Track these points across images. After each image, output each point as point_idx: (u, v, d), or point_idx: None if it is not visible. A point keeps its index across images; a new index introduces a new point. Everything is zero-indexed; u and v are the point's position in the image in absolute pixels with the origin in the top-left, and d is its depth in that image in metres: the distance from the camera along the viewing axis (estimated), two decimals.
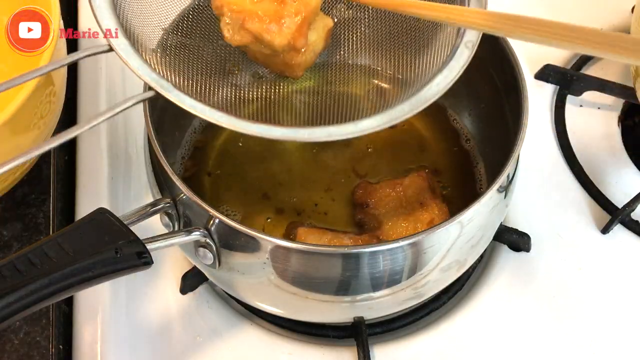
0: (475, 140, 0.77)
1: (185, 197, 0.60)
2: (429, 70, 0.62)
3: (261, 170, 0.75)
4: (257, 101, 0.69)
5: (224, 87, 0.67)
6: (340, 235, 0.68)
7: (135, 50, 0.58)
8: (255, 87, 0.69)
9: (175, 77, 0.61)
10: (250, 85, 0.69)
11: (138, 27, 0.61)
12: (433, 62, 0.62)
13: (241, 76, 0.70)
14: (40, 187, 0.75)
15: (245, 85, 0.68)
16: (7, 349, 0.67)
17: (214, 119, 0.57)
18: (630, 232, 0.77)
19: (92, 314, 0.71)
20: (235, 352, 0.70)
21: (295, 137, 0.57)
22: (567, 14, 0.92)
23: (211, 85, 0.65)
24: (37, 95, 0.65)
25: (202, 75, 0.65)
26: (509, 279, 0.75)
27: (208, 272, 0.68)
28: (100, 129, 0.81)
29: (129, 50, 0.58)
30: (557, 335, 0.72)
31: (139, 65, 0.58)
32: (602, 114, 0.85)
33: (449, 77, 0.59)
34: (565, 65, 0.88)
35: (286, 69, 0.66)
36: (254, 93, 0.69)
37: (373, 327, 0.71)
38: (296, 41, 0.62)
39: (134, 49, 0.58)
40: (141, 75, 0.57)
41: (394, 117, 0.57)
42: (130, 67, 0.57)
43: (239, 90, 0.68)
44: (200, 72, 0.65)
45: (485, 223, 0.65)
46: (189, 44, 0.66)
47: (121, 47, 0.58)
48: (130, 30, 0.60)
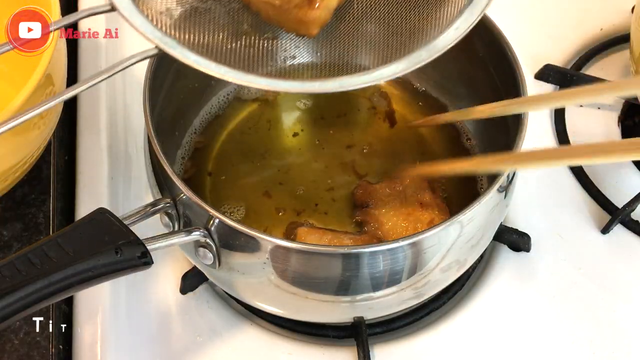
0: (476, 139, 0.77)
1: (185, 197, 0.60)
2: (447, 19, 0.61)
3: (261, 170, 0.75)
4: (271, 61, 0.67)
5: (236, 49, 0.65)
6: (340, 236, 0.68)
7: (138, 10, 0.58)
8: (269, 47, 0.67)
9: (185, 39, 0.60)
10: (263, 46, 0.67)
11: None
12: (451, 10, 0.61)
13: (254, 38, 0.67)
14: (40, 187, 0.75)
15: (258, 46, 0.66)
16: (7, 349, 0.67)
17: (219, 74, 0.56)
18: (630, 232, 0.77)
19: (92, 314, 0.71)
20: (235, 352, 0.70)
21: (305, 89, 0.57)
22: (567, 14, 0.93)
23: (222, 47, 0.64)
24: (37, 95, 0.64)
25: (212, 37, 0.63)
26: (509, 279, 0.74)
27: (208, 272, 0.68)
28: (100, 129, 0.81)
29: (131, 9, 0.58)
30: (557, 335, 0.71)
31: (141, 23, 0.57)
32: (602, 114, 0.85)
33: (469, 19, 0.58)
34: (565, 65, 0.88)
35: (300, 27, 0.64)
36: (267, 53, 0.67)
37: (373, 327, 0.71)
38: None
39: (137, 8, 0.58)
40: (143, 32, 0.57)
41: (412, 62, 0.56)
42: (132, 24, 0.57)
43: (251, 50, 0.66)
44: (211, 35, 0.64)
45: (485, 223, 0.65)
46: (200, 6, 0.65)
47: (123, 6, 0.57)
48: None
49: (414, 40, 0.62)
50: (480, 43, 0.71)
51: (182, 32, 0.61)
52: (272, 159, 0.76)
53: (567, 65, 0.88)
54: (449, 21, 0.59)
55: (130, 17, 0.57)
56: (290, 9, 0.63)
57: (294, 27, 0.65)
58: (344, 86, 0.56)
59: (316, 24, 0.64)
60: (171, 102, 0.71)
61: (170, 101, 0.71)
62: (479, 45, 0.72)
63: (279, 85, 0.57)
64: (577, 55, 0.90)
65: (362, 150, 0.77)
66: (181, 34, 0.60)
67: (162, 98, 0.68)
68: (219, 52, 0.62)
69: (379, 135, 0.78)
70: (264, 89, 0.55)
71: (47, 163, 0.76)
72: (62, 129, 0.81)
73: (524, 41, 0.76)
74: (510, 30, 0.69)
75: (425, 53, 0.57)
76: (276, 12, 0.64)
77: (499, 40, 0.69)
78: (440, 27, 0.60)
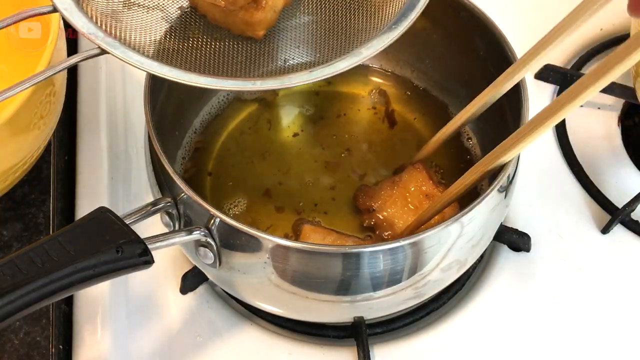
0: (476, 140, 0.77)
1: (186, 197, 0.60)
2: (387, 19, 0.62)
3: (261, 170, 0.75)
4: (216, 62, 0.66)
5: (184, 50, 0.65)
6: (344, 238, 0.68)
7: (81, 10, 0.58)
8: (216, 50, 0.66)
9: (130, 40, 0.60)
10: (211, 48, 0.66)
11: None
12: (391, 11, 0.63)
13: (201, 40, 0.67)
14: (40, 187, 0.75)
15: (206, 48, 0.66)
16: (7, 349, 0.67)
17: (161, 73, 0.56)
18: (630, 232, 0.77)
19: (92, 314, 0.71)
20: (235, 352, 0.70)
21: (246, 87, 0.57)
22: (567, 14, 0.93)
23: (168, 48, 0.64)
24: (37, 95, 0.65)
25: (160, 40, 0.64)
26: (509, 279, 0.75)
27: (208, 271, 0.67)
28: (100, 129, 0.81)
29: (73, 10, 0.58)
30: (557, 335, 0.72)
31: (83, 23, 0.57)
32: (602, 114, 0.85)
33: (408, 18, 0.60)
34: (565, 65, 0.89)
35: (247, 29, 0.65)
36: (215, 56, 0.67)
37: (373, 327, 0.71)
38: None
39: (79, 8, 0.58)
40: (85, 32, 0.57)
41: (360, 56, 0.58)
42: (74, 24, 0.57)
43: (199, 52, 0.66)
44: (158, 37, 0.64)
45: (485, 223, 0.65)
46: (146, 8, 0.65)
47: (64, 6, 0.58)
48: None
49: (356, 39, 0.63)
50: (480, 43, 0.71)
51: (128, 35, 0.61)
52: (272, 159, 0.76)
53: (567, 65, 0.88)
54: (388, 21, 0.61)
55: (71, 16, 0.57)
56: (236, 10, 0.63)
57: (240, 29, 0.65)
58: (285, 84, 0.57)
59: (262, 25, 0.65)
60: (171, 101, 0.71)
61: (171, 101, 0.71)
62: (479, 45, 0.72)
63: (220, 83, 0.57)
64: (577, 55, 0.90)
65: (362, 150, 0.77)
66: (127, 36, 0.60)
67: (162, 98, 0.68)
68: (167, 54, 0.63)
69: (379, 135, 0.78)
70: (206, 87, 0.56)
71: (47, 163, 0.76)
72: (62, 129, 0.81)
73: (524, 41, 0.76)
74: (510, 30, 0.69)
75: (366, 51, 0.58)
76: (222, 14, 0.65)
77: (499, 40, 0.69)
78: (381, 27, 0.61)
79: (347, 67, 0.58)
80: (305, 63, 0.65)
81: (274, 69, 0.65)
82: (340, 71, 0.57)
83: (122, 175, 0.79)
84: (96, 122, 0.82)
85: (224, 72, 0.64)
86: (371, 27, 0.63)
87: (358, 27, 0.64)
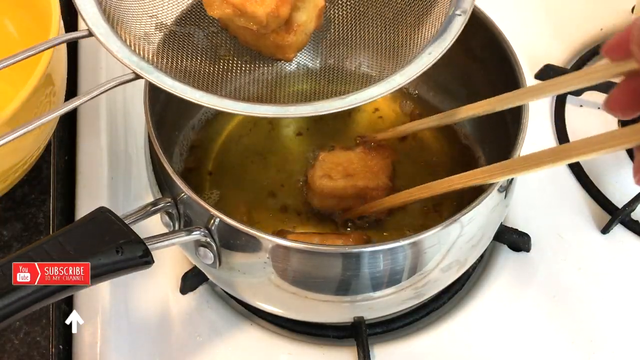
0: (476, 140, 0.77)
1: (186, 197, 0.60)
2: (420, 44, 0.62)
3: (262, 169, 0.75)
4: (248, 85, 0.68)
5: (215, 73, 0.66)
6: (329, 237, 0.68)
7: (116, 35, 0.58)
8: (247, 71, 0.68)
9: (161, 62, 0.61)
10: (241, 70, 0.68)
11: (122, 12, 0.61)
12: (424, 35, 0.62)
13: (232, 61, 0.68)
14: (40, 187, 0.75)
15: (236, 70, 0.67)
16: (7, 349, 0.67)
17: (194, 99, 0.57)
18: (630, 232, 0.77)
19: (92, 314, 0.71)
20: (235, 352, 0.70)
21: (281, 114, 0.57)
22: (567, 14, 0.93)
23: (202, 71, 0.65)
24: (37, 95, 0.65)
25: (191, 62, 0.64)
26: (509, 279, 0.74)
27: (208, 271, 0.68)
28: (100, 129, 0.81)
29: (108, 34, 0.58)
30: (557, 335, 0.71)
31: (118, 48, 0.58)
32: (602, 114, 0.85)
33: (442, 45, 0.59)
34: (565, 65, 0.88)
35: (277, 51, 0.65)
36: (245, 77, 0.68)
37: (373, 327, 0.71)
38: (279, 9, 0.61)
39: (115, 33, 0.58)
40: (120, 58, 0.57)
41: (387, 88, 0.57)
42: (109, 49, 0.57)
43: (230, 74, 0.67)
44: (189, 59, 0.65)
45: (485, 223, 0.65)
46: (179, 31, 0.66)
47: (100, 31, 0.58)
48: (112, 16, 0.60)
49: (388, 63, 0.64)
50: (481, 43, 0.71)
51: (160, 56, 0.61)
52: (273, 159, 0.76)
53: (567, 65, 0.88)
54: (422, 46, 0.60)
55: (107, 42, 0.58)
56: (267, 33, 0.64)
57: (271, 52, 0.66)
58: (319, 110, 0.57)
59: (293, 48, 0.65)
60: (171, 101, 0.71)
61: (171, 100, 0.71)
62: (479, 46, 0.72)
63: (256, 109, 0.57)
64: (577, 55, 0.90)
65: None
66: (158, 58, 0.61)
67: (162, 97, 0.68)
68: (197, 76, 0.63)
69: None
70: (241, 114, 0.56)
71: (47, 163, 0.76)
72: (62, 129, 0.81)
73: (524, 41, 0.76)
74: (510, 30, 0.69)
75: (400, 78, 0.58)
76: (253, 37, 0.65)
77: (499, 40, 0.69)
78: (414, 52, 0.61)
79: (380, 95, 0.57)
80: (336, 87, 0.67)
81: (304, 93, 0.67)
82: (374, 99, 0.57)
83: (122, 175, 0.79)
84: (96, 122, 0.82)
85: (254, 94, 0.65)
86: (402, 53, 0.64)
87: (389, 54, 0.65)
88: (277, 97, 0.69)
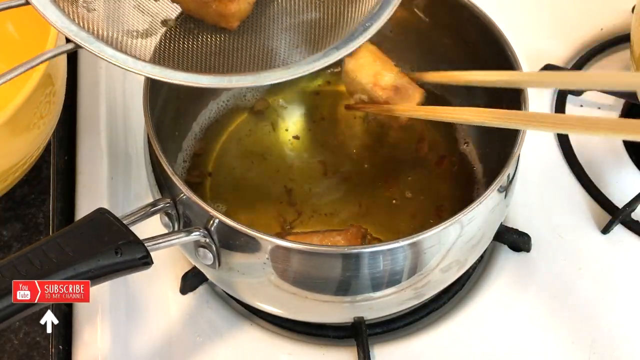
0: (475, 140, 0.77)
1: (185, 197, 0.60)
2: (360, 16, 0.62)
3: (261, 171, 0.75)
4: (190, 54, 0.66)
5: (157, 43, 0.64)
6: (328, 234, 0.68)
7: (54, 3, 0.57)
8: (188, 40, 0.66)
9: (102, 32, 0.59)
10: (183, 38, 0.66)
11: None
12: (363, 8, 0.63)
13: (174, 31, 0.66)
14: (40, 187, 0.75)
15: (179, 39, 0.66)
16: (7, 349, 0.67)
17: (136, 69, 0.56)
18: (630, 232, 0.77)
19: (92, 314, 0.71)
20: (235, 352, 0.70)
21: (221, 84, 0.57)
22: (567, 14, 0.93)
23: (143, 41, 0.63)
24: (37, 95, 0.65)
25: (133, 32, 0.63)
26: (509, 279, 0.74)
27: (208, 272, 0.68)
28: (100, 129, 0.81)
29: (46, 3, 0.57)
30: (557, 335, 0.71)
31: (57, 17, 0.56)
32: (602, 114, 0.85)
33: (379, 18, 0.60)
34: (565, 64, 0.88)
35: (221, 20, 0.64)
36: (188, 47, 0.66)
37: (373, 327, 0.71)
38: None
39: (53, 2, 0.57)
40: (59, 27, 0.56)
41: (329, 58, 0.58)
42: (47, 18, 0.56)
43: (172, 44, 0.65)
44: (131, 29, 0.63)
45: (485, 223, 0.65)
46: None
47: (39, 1, 0.57)
48: None
49: (329, 35, 0.64)
50: (481, 43, 0.71)
51: (100, 26, 0.60)
52: (273, 159, 0.76)
53: (567, 65, 0.88)
54: (361, 19, 0.61)
55: (44, 10, 0.57)
56: (210, 1, 0.63)
57: (214, 20, 0.65)
58: (259, 80, 0.57)
59: (236, 17, 0.64)
60: (171, 102, 0.71)
61: (171, 101, 0.71)
62: (479, 45, 0.72)
63: (197, 79, 0.56)
64: (577, 55, 0.90)
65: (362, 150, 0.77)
66: (99, 28, 0.59)
67: (162, 98, 0.68)
68: (139, 47, 0.62)
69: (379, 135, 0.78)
70: (181, 84, 0.55)
71: (47, 163, 0.76)
72: (62, 129, 0.81)
73: (524, 41, 0.76)
74: (511, 30, 0.69)
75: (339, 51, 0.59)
76: (196, 5, 0.64)
77: (499, 41, 0.68)
78: (353, 25, 0.62)
79: (323, 65, 0.58)
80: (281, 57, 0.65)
81: (248, 63, 0.65)
82: (316, 69, 0.58)
83: (122, 176, 0.79)
84: (96, 122, 0.82)
85: (197, 65, 0.63)
86: (346, 22, 0.64)
87: (333, 23, 0.65)
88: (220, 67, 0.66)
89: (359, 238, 0.68)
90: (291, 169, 0.76)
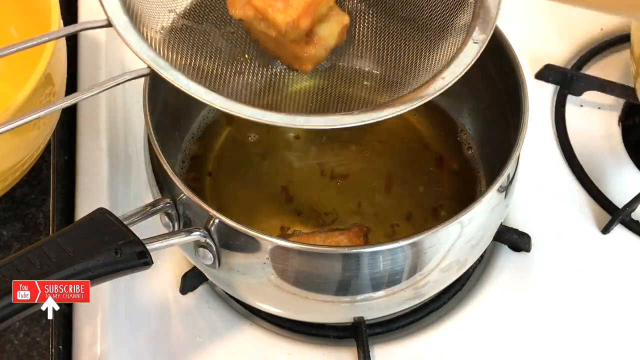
0: (476, 140, 0.77)
1: (185, 197, 0.60)
2: (436, 66, 0.62)
3: (261, 170, 0.75)
4: (261, 91, 0.67)
5: (230, 74, 0.66)
6: (330, 234, 0.68)
7: (135, 28, 0.58)
8: (261, 77, 0.67)
9: (179, 60, 0.60)
10: (256, 74, 0.67)
11: (142, 4, 0.61)
12: (441, 58, 0.62)
13: (249, 65, 0.68)
14: (40, 187, 0.75)
15: (251, 74, 0.67)
16: (7, 349, 0.67)
17: (207, 100, 0.56)
18: (630, 232, 0.77)
19: (92, 314, 0.71)
20: (235, 352, 0.70)
21: (292, 123, 0.57)
22: (567, 14, 0.93)
23: (216, 71, 0.64)
24: (37, 95, 0.65)
25: (207, 61, 0.64)
26: (509, 279, 0.74)
27: (208, 272, 0.67)
28: (100, 129, 0.81)
29: (127, 27, 0.58)
30: (557, 335, 0.71)
31: (136, 42, 0.57)
32: (602, 114, 0.85)
33: (455, 71, 0.59)
34: (565, 65, 0.88)
35: (295, 62, 0.65)
36: (259, 82, 0.67)
37: (373, 327, 0.71)
38: (300, 20, 0.61)
39: (133, 26, 0.58)
40: (138, 52, 0.57)
41: (397, 109, 0.57)
42: (127, 43, 0.57)
43: (244, 78, 0.67)
44: (206, 58, 0.64)
45: (485, 223, 0.65)
46: (197, 28, 0.65)
47: (120, 24, 0.58)
48: (132, 8, 0.59)
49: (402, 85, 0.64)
50: None
51: (177, 53, 0.61)
52: (272, 159, 0.76)
53: (567, 65, 0.88)
54: (438, 69, 0.60)
55: (125, 34, 0.57)
56: (286, 43, 0.63)
57: (289, 61, 0.66)
58: (328, 124, 0.57)
59: (311, 61, 0.65)
60: (171, 102, 0.71)
61: (171, 101, 0.71)
62: None
63: (265, 116, 0.57)
64: (577, 55, 0.90)
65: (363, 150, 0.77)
66: (175, 55, 0.60)
67: (162, 98, 0.68)
68: (212, 76, 0.63)
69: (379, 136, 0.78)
70: (250, 119, 0.56)
71: (47, 163, 0.76)
72: (62, 129, 0.81)
73: (524, 41, 0.76)
74: (510, 30, 0.69)
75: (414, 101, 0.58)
76: (273, 44, 0.65)
77: (499, 40, 0.68)
78: (429, 74, 0.61)
79: (391, 115, 0.57)
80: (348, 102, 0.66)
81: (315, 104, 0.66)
82: (384, 118, 0.57)
83: (122, 176, 0.79)
84: (96, 122, 0.82)
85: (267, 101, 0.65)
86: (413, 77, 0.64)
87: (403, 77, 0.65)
88: (287, 106, 0.68)
89: (361, 237, 0.68)
90: (291, 169, 0.76)
